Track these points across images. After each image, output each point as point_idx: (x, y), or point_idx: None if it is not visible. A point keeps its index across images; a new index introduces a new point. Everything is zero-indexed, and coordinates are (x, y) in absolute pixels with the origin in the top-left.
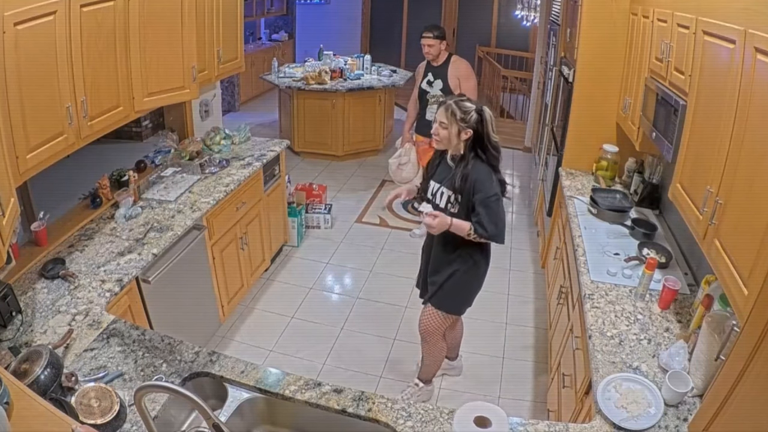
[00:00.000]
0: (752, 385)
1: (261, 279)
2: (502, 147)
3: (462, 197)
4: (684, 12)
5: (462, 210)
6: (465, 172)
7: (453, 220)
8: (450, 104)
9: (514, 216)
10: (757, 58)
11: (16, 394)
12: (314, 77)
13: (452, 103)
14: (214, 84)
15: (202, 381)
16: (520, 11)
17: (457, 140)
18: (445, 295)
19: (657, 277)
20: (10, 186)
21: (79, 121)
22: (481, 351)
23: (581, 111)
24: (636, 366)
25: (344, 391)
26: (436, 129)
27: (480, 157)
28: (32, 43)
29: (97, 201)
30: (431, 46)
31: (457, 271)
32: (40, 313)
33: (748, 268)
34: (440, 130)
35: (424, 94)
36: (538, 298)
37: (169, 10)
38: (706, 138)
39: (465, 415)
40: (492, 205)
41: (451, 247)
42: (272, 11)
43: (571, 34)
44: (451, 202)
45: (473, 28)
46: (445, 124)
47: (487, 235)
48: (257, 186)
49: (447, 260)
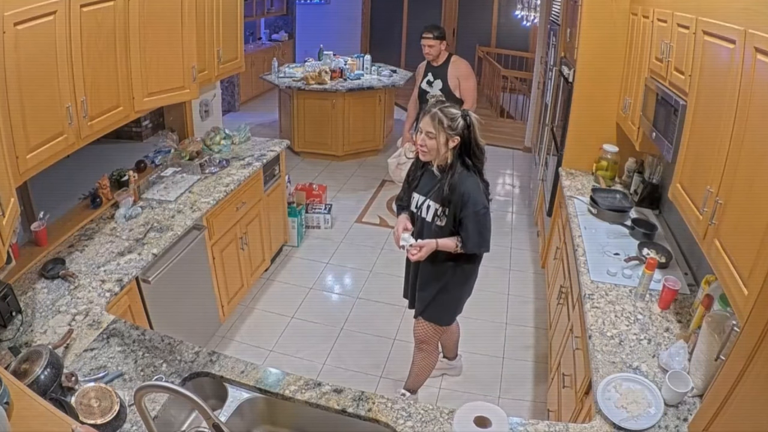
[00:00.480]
0: (752, 385)
1: (261, 279)
2: (502, 147)
3: (449, 209)
4: (684, 12)
5: (449, 222)
6: (453, 182)
7: (439, 242)
8: (435, 112)
9: (514, 216)
10: (757, 58)
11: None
12: (314, 77)
13: (437, 111)
14: (214, 84)
15: (202, 381)
16: (520, 11)
17: (444, 149)
18: (437, 308)
19: (657, 277)
20: (10, 186)
21: (79, 121)
22: (481, 351)
23: (581, 111)
24: (636, 366)
25: (344, 391)
26: (423, 140)
27: (467, 165)
28: (32, 43)
29: (97, 201)
30: (431, 46)
31: (447, 283)
32: (40, 313)
33: (748, 268)
34: (427, 140)
35: (424, 94)
36: (538, 298)
37: (169, 10)
38: (706, 138)
39: (465, 415)
40: (481, 218)
41: (439, 260)
42: (272, 11)
43: (571, 34)
44: (438, 215)
45: (473, 28)
46: (433, 133)
47: (476, 249)
48: (257, 186)
49: (436, 274)
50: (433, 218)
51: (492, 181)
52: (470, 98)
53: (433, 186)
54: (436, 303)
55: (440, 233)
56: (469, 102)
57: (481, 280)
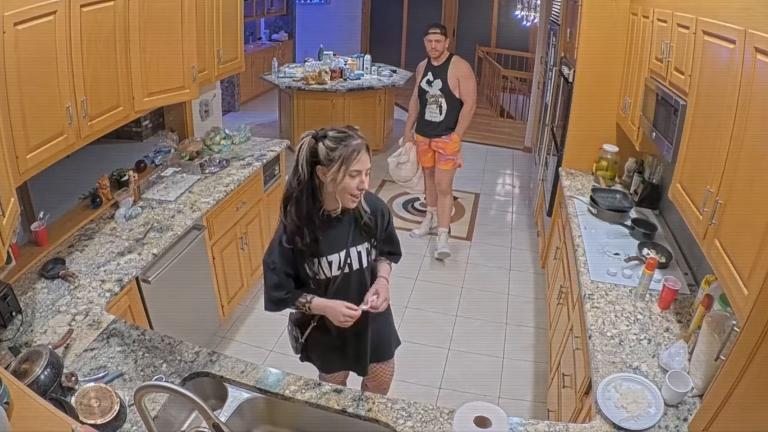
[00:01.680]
0: (752, 385)
1: (261, 279)
2: (502, 147)
3: (375, 236)
4: (684, 12)
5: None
6: (369, 206)
7: (385, 277)
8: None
9: (514, 216)
10: (757, 58)
11: (16, 394)
12: (314, 77)
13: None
14: (214, 84)
15: (202, 381)
16: (520, 11)
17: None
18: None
19: (657, 277)
20: (10, 186)
21: (79, 121)
22: (481, 351)
23: (581, 111)
24: (636, 366)
25: (344, 391)
26: (364, 182)
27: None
28: (32, 43)
29: (97, 201)
30: (439, 41)
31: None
32: (40, 313)
33: (748, 268)
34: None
35: (424, 93)
36: (538, 298)
37: (169, 11)
38: (706, 138)
39: (465, 415)
40: (393, 226)
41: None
42: (272, 11)
43: (571, 34)
44: (369, 252)
45: (473, 28)
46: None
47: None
48: (257, 186)
49: (387, 320)
50: (367, 260)
51: (492, 181)
52: (470, 99)
53: (345, 232)
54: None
55: (372, 269)
56: (469, 102)
57: (482, 280)
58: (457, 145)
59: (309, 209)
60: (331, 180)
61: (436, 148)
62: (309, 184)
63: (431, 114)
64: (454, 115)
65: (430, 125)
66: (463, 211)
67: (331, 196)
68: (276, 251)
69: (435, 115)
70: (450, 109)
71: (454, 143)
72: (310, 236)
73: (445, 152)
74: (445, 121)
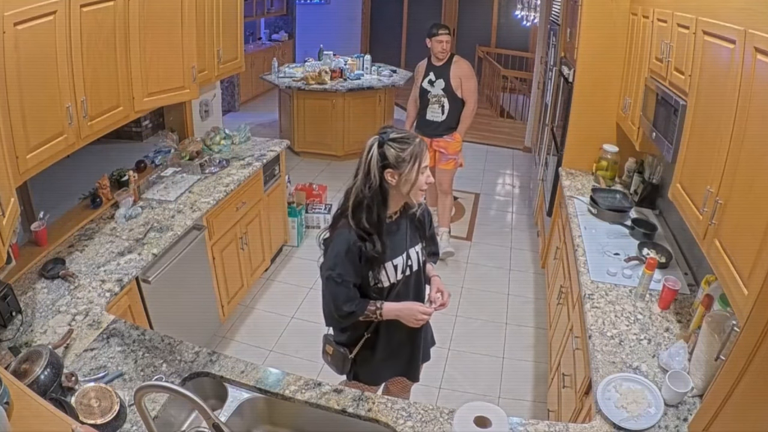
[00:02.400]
0: (752, 385)
1: (261, 279)
2: (502, 147)
3: (426, 236)
4: (684, 12)
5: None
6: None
7: (436, 273)
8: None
9: (514, 216)
10: (757, 58)
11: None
12: (314, 77)
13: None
14: (214, 84)
15: (202, 381)
16: (520, 11)
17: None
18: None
19: (657, 277)
20: (10, 186)
21: (79, 121)
22: (481, 351)
23: (581, 111)
24: (636, 366)
25: (344, 391)
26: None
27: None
28: (32, 43)
29: (97, 201)
30: (447, 42)
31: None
32: (40, 313)
33: (748, 268)
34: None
35: (425, 93)
36: (538, 298)
37: (169, 10)
38: (706, 138)
39: (465, 415)
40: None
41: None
42: (272, 11)
43: (571, 34)
44: (421, 253)
45: (473, 28)
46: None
47: (438, 257)
48: (257, 186)
49: (429, 321)
50: (422, 261)
51: (492, 181)
52: (472, 98)
53: (403, 235)
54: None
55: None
56: (471, 102)
57: (482, 280)
58: (459, 145)
59: (380, 214)
60: (405, 180)
61: (438, 147)
62: (379, 190)
63: (433, 114)
64: (455, 115)
65: (431, 125)
66: (463, 211)
67: (395, 198)
68: (342, 263)
69: (437, 115)
70: (452, 108)
71: (457, 143)
72: (380, 242)
73: (447, 152)
74: (447, 120)
